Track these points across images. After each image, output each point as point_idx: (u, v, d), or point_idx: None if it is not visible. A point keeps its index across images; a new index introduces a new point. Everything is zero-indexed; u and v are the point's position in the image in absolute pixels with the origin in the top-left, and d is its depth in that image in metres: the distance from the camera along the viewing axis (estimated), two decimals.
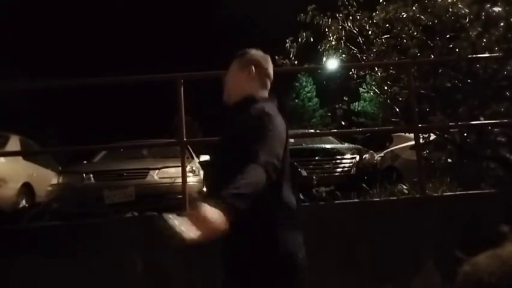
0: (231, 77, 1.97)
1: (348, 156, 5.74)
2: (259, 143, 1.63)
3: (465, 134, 4.99)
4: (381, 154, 6.83)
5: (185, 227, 1.38)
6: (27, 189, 6.38)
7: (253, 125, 1.71)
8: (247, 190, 1.49)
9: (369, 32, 5.50)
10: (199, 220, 1.39)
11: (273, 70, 2.00)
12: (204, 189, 5.04)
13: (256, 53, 2.00)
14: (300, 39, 5.62)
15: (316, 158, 5.58)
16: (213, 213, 1.40)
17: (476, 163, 4.85)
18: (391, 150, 6.84)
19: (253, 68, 1.92)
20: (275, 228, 1.69)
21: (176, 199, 4.35)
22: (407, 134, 6.13)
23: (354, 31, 5.61)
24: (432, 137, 5.19)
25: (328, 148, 5.96)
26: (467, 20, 4.96)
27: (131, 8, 32.53)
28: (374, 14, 5.48)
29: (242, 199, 1.47)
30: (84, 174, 5.11)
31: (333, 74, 6.05)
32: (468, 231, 3.35)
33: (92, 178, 5.07)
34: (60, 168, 7.05)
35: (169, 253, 3.25)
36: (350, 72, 5.74)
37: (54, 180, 5.25)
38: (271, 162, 1.59)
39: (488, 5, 4.93)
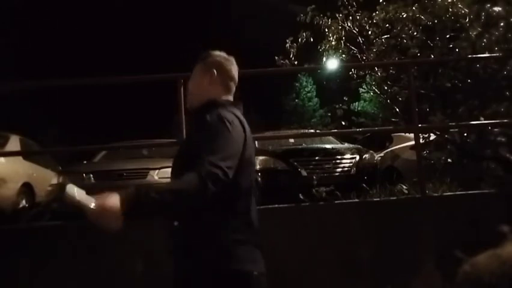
0: (193, 82, 1.87)
1: (348, 156, 5.73)
2: (207, 151, 1.54)
3: (465, 134, 4.99)
4: (381, 154, 6.83)
5: (85, 199, 1.46)
6: (27, 189, 6.38)
7: (206, 132, 1.62)
8: (165, 198, 1.47)
9: (369, 32, 5.50)
10: (101, 204, 1.44)
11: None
12: None
13: (218, 55, 1.88)
14: (300, 40, 5.62)
15: (317, 158, 5.57)
16: (113, 202, 1.43)
17: (476, 163, 4.85)
18: (391, 150, 6.84)
19: (215, 72, 1.82)
20: (228, 244, 1.60)
21: None
22: (407, 134, 6.13)
23: (354, 31, 5.61)
24: (432, 137, 5.19)
25: (328, 148, 5.95)
26: (467, 20, 4.97)
27: (131, 8, 32.54)
28: (374, 14, 5.48)
29: (152, 204, 1.46)
30: (84, 174, 5.11)
31: (333, 74, 6.06)
32: (468, 231, 3.34)
33: (92, 178, 5.07)
34: (60, 168, 7.06)
35: (169, 253, 3.24)
36: (350, 72, 5.74)
37: (54, 180, 5.25)
38: (213, 173, 1.49)
39: (488, 5, 4.93)
